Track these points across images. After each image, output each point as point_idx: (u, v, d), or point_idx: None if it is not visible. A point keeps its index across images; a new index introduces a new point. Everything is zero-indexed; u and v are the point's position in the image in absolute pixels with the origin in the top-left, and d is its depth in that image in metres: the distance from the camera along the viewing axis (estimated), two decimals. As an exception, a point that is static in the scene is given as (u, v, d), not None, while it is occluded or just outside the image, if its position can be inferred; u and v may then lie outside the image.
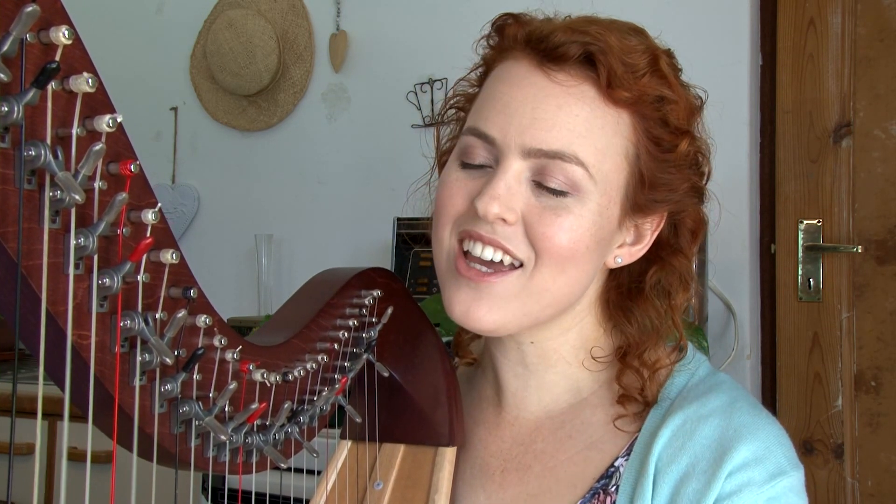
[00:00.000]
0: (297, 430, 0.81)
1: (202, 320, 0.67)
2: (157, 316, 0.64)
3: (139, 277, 0.61)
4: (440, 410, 0.93)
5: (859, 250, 2.11)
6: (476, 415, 0.96)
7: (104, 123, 0.56)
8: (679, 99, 0.83)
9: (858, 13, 2.15)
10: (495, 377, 0.95)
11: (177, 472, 0.68)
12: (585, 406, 0.91)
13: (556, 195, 0.80)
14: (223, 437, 0.71)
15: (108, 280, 0.59)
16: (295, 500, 0.91)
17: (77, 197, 0.55)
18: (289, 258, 2.72)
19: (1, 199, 0.52)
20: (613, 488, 0.85)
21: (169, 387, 0.66)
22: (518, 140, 0.80)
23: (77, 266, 0.57)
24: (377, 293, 0.91)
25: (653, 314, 0.89)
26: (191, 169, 2.89)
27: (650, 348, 0.88)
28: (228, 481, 1.82)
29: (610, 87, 0.80)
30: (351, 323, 0.87)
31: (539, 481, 0.89)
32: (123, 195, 0.58)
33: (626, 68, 0.80)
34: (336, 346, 0.86)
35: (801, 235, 2.17)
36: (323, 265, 0.97)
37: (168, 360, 0.64)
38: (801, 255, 2.17)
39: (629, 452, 0.86)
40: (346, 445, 0.96)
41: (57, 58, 0.53)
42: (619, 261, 0.87)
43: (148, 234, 0.61)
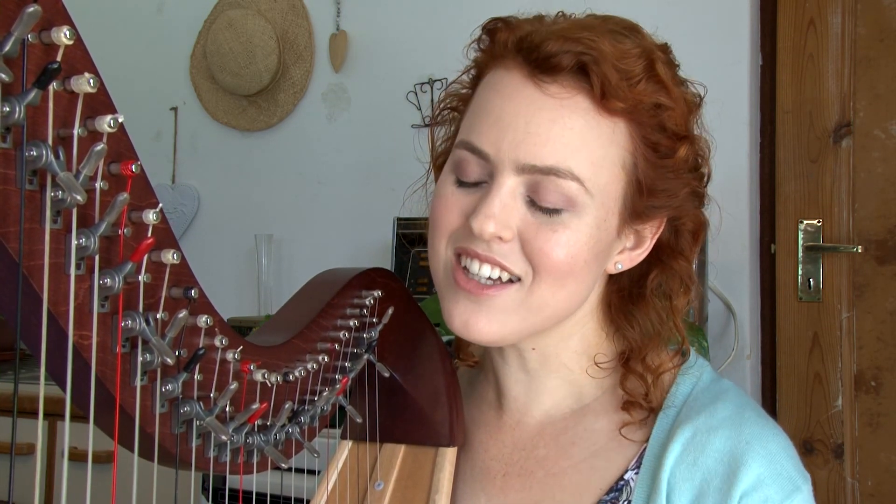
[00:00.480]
0: (298, 430, 0.81)
1: (203, 320, 0.68)
2: (159, 316, 0.64)
3: (140, 278, 0.61)
4: (440, 411, 0.93)
5: (859, 250, 2.11)
6: (477, 417, 0.96)
7: (105, 124, 0.56)
8: (676, 104, 0.81)
9: (858, 13, 2.15)
10: (496, 381, 0.94)
11: (177, 473, 0.68)
12: (588, 412, 0.90)
13: (552, 213, 0.79)
14: (224, 437, 0.71)
15: (109, 280, 0.59)
16: (296, 500, 0.91)
17: (78, 197, 0.55)
18: (289, 258, 2.72)
19: (2, 199, 0.52)
20: (625, 503, 0.84)
21: (170, 387, 0.66)
22: (512, 156, 0.78)
23: (78, 266, 0.57)
24: (378, 293, 0.91)
25: (654, 317, 0.88)
26: (191, 169, 2.89)
27: (652, 351, 0.88)
28: (229, 481, 1.82)
29: (604, 97, 0.77)
30: (352, 323, 0.87)
31: (542, 488, 0.88)
32: (125, 195, 0.58)
33: (620, 75, 0.77)
34: (337, 346, 0.86)
35: (801, 235, 2.17)
36: (323, 265, 0.97)
37: (169, 360, 0.64)
38: (801, 255, 2.17)
39: (638, 465, 0.85)
40: (347, 445, 0.96)
41: (58, 58, 0.53)
42: (619, 266, 0.86)
43: (149, 234, 0.61)
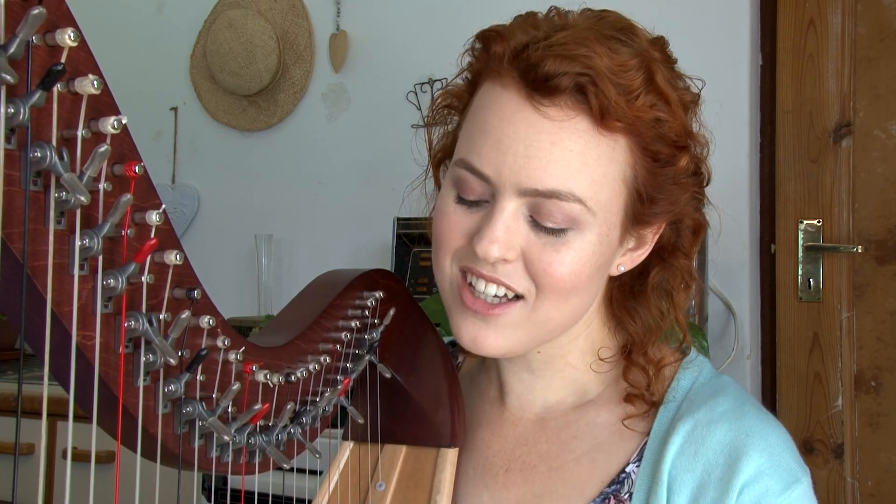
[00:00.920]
0: (300, 430, 0.82)
1: (206, 321, 0.68)
2: (161, 317, 0.64)
3: (143, 278, 0.62)
4: (442, 411, 0.93)
5: (859, 250, 2.11)
6: (479, 414, 0.97)
7: (109, 125, 0.56)
8: (675, 114, 0.81)
9: (858, 13, 2.16)
10: (499, 377, 0.95)
11: (179, 473, 0.68)
12: (590, 406, 0.91)
13: (556, 232, 0.79)
14: (226, 437, 0.71)
15: (112, 281, 0.59)
16: (297, 500, 0.92)
17: (82, 198, 0.55)
18: (289, 258, 2.72)
19: (7, 200, 0.52)
20: (626, 495, 0.85)
21: (172, 387, 0.66)
22: (513, 179, 0.78)
23: (82, 267, 0.57)
24: (379, 294, 0.91)
25: (656, 312, 0.89)
26: (191, 169, 2.89)
27: (654, 345, 0.89)
28: (230, 481, 1.83)
29: (603, 118, 0.77)
30: (353, 324, 0.88)
31: (544, 482, 0.89)
32: (128, 196, 0.58)
33: (619, 91, 0.77)
34: (338, 347, 0.86)
35: (801, 235, 2.17)
36: (323, 265, 0.97)
37: (172, 360, 0.64)
38: (801, 255, 2.17)
39: (640, 458, 0.86)
40: (349, 446, 0.96)
41: (62, 60, 0.53)
42: (622, 269, 0.87)
43: (152, 235, 0.61)
